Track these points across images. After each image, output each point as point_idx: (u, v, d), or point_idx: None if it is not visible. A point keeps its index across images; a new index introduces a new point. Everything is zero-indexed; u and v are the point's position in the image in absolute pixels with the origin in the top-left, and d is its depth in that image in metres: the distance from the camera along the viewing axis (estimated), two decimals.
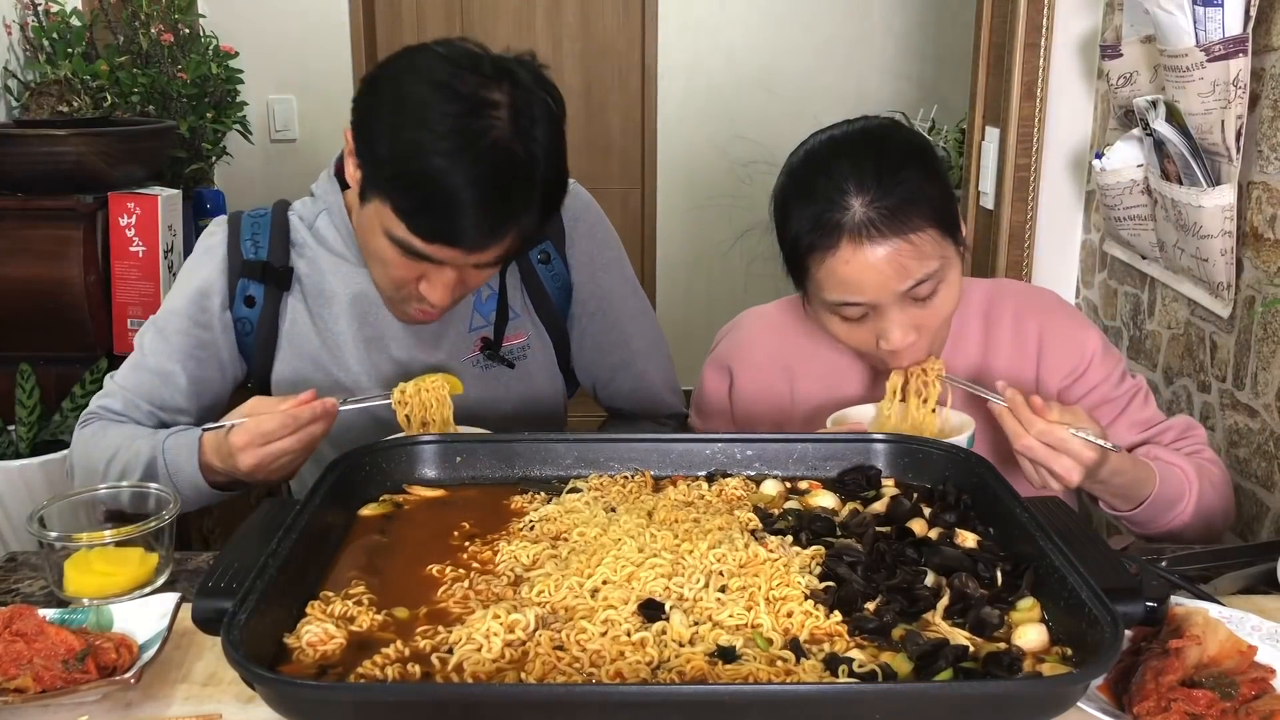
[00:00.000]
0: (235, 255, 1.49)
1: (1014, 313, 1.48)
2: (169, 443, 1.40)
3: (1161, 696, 0.92)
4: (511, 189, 1.27)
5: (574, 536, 1.11)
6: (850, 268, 1.28)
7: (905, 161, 1.30)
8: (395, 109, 1.27)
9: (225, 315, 1.49)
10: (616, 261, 1.61)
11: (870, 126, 1.37)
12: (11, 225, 2.11)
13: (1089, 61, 2.49)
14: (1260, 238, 1.82)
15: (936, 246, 1.30)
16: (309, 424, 1.30)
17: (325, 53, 3.72)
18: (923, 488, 1.23)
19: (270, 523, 1.03)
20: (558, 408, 1.64)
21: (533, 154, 1.27)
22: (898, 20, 3.80)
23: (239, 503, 2.43)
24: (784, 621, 0.96)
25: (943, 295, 1.33)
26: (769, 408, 1.53)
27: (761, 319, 1.58)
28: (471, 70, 1.27)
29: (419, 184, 1.26)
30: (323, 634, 0.93)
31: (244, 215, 1.52)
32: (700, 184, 3.93)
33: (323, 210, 1.50)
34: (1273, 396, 1.80)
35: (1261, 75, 1.81)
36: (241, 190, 3.36)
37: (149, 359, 1.49)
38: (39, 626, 1.01)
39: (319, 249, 1.50)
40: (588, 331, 1.61)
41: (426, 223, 1.27)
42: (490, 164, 1.25)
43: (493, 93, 1.26)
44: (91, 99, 2.45)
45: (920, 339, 1.34)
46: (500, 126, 1.25)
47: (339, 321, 1.50)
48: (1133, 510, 1.38)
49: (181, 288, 1.51)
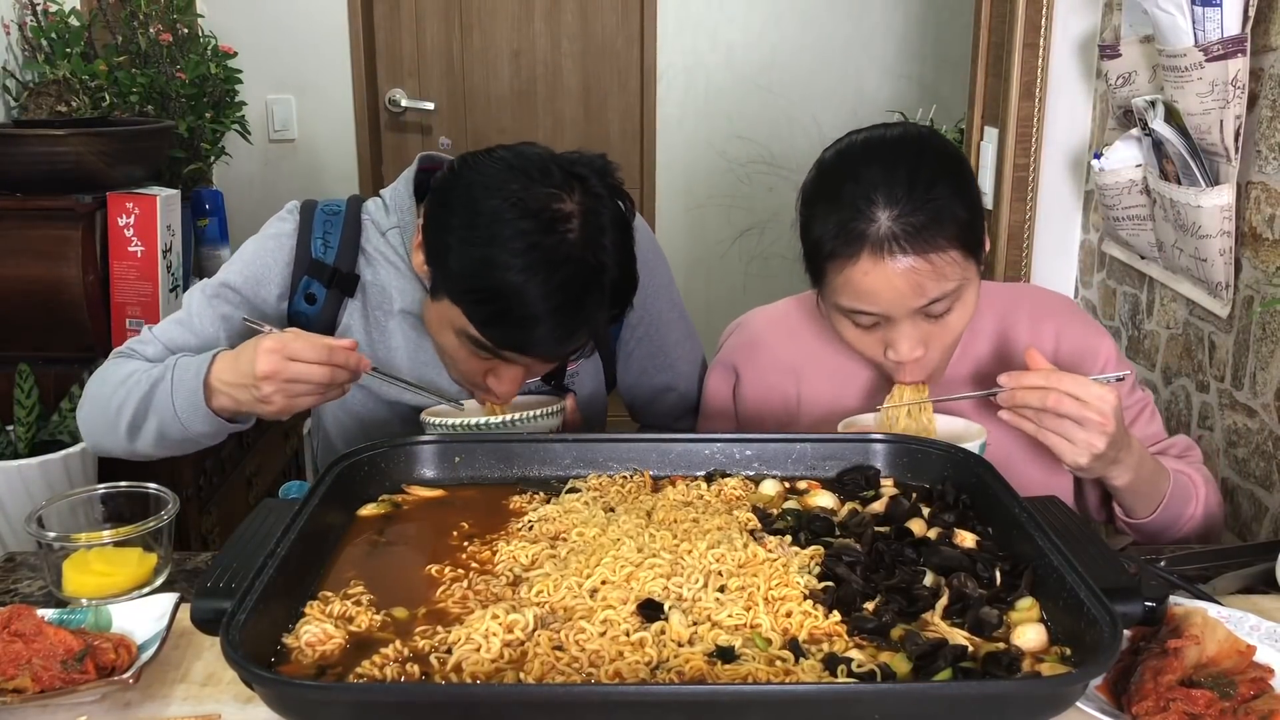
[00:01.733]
0: (304, 251, 1.48)
1: (1030, 317, 1.48)
2: (183, 360, 1.38)
3: (1160, 696, 0.92)
4: (585, 299, 1.28)
5: (573, 536, 1.11)
6: (869, 279, 1.27)
7: (938, 177, 1.28)
8: (467, 224, 1.28)
9: (281, 306, 1.49)
10: (666, 287, 1.62)
11: (908, 135, 1.34)
12: (10, 225, 2.10)
13: (1088, 61, 2.49)
14: (1259, 238, 1.82)
15: (958, 268, 1.28)
16: (338, 366, 1.28)
17: (324, 53, 3.71)
18: (921, 488, 1.23)
19: (269, 523, 1.03)
20: (597, 417, 1.65)
21: (602, 262, 1.28)
22: (897, 20, 3.79)
23: (238, 503, 2.44)
24: (783, 621, 0.96)
25: (957, 314, 1.32)
26: (775, 409, 1.52)
27: (767, 319, 1.58)
28: (542, 182, 1.28)
29: (493, 299, 1.27)
30: (321, 634, 0.93)
31: (318, 208, 1.50)
32: (699, 184, 3.93)
33: (395, 227, 1.48)
34: (1271, 396, 1.80)
35: (1260, 75, 1.81)
36: (240, 190, 3.37)
37: (195, 320, 1.47)
38: (38, 627, 1.01)
39: (388, 262, 1.48)
40: (634, 355, 1.62)
41: (501, 334, 1.29)
42: (563, 278, 1.26)
43: (564, 204, 1.27)
44: (90, 99, 2.44)
45: (928, 354, 1.33)
46: (573, 240, 1.26)
47: (395, 335, 1.49)
48: (1150, 515, 1.37)
49: (242, 266, 1.49)
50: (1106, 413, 1.22)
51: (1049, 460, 1.31)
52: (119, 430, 1.40)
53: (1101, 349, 1.46)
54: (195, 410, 1.34)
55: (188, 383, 1.34)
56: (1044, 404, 1.23)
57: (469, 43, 3.79)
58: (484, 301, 1.28)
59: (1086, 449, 1.24)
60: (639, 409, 1.69)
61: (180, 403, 1.34)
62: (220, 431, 1.39)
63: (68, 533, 1.18)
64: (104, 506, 1.27)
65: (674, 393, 1.65)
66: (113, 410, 1.40)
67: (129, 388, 1.39)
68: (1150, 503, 1.37)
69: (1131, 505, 1.38)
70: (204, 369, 1.33)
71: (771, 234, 3.92)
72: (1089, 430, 1.23)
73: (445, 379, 1.50)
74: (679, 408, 1.67)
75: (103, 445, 1.46)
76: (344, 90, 3.75)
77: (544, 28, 3.81)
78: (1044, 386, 1.23)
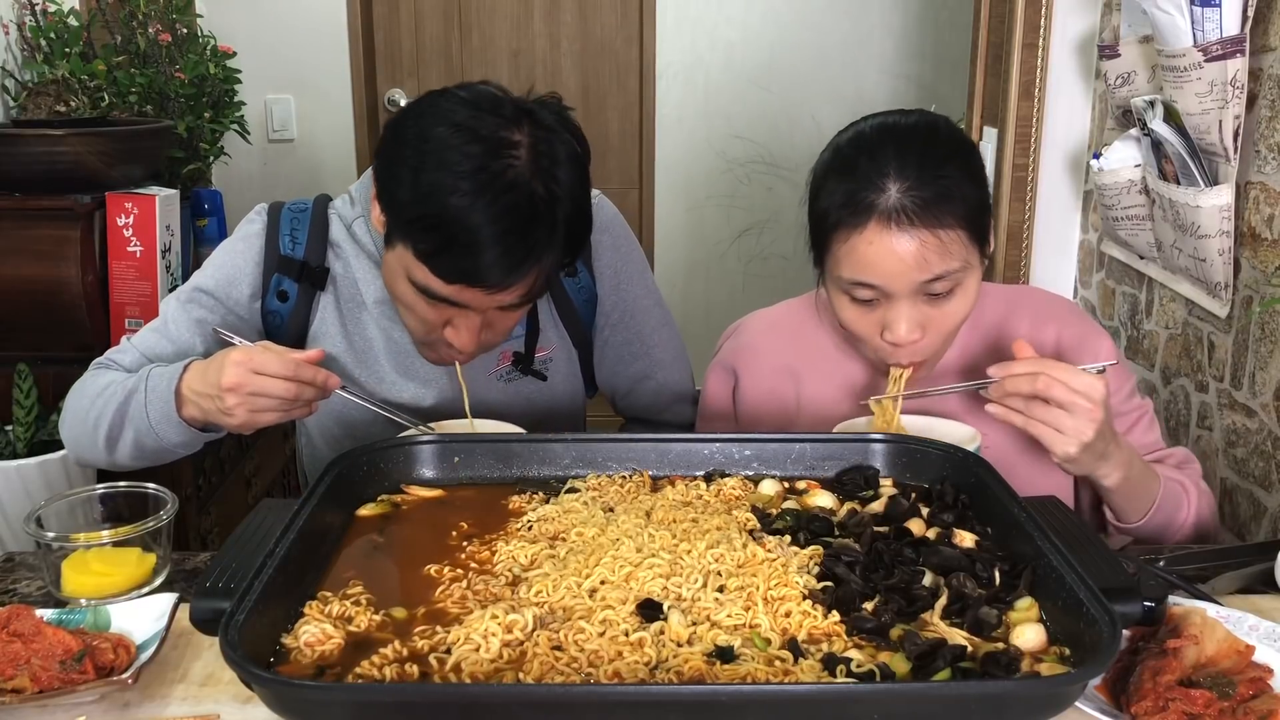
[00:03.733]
0: (272, 249, 1.49)
1: (1031, 319, 1.47)
2: (156, 370, 1.38)
3: (1159, 696, 0.92)
4: (531, 227, 1.27)
5: (572, 537, 1.11)
6: (873, 249, 1.27)
7: (950, 159, 1.30)
8: (416, 152, 1.28)
9: (254, 306, 1.49)
10: (640, 274, 1.62)
11: (924, 121, 1.36)
12: (9, 225, 2.10)
13: (1087, 61, 2.49)
14: (1258, 238, 1.82)
15: (962, 249, 1.29)
16: (305, 383, 1.28)
17: (323, 53, 3.71)
18: (921, 487, 1.23)
19: (268, 523, 1.03)
20: (577, 414, 1.65)
21: (553, 193, 1.27)
22: (896, 20, 3.80)
23: (238, 503, 2.44)
24: (782, 621, 0.96)
25: (957, 300, 1.32)
26: (774, 411, 1.52)
27: (767, 321, 1.58)
28: (492, 112, 1.28)
29: (438, 225, 1.26)
30: (320, 634, 0.93)
31: (284, 208, 1.52)
32: (698, 184, 3.93)
33: (360, 216, 1.50)
34: (1270, 396, 1.80)
35: (1259, 75, 1.81)
36: (239, 190, 3.36)
37: (170, 327, 1.48)
38: (36, 627, 1.00)
39: (356, 253, 1.50)
40: (610, 342, 1.62)
41: (446, 263, 1.28)
42: (509, 202, 1.25)
43: (513, 133, 1.27)
44: (89, 99, 2.44)
45: (925, 339, 1.33)
46: (519, 166, 1.26)
47: (369, 327, 1.50)
48: (1140, 521, 1.36)
49: (213, 270, 1.50)
50: (1095, 400, 1.22)
51: (1046, 464, 1.30)
52: (98, 443, 1.41)
53: (1102, 351, 1.46)
54: (168, 420, 1.34)
55: (160, 392, 1.35)
56: (1034, 388, 1.23)
57: (468, 42, 3.79)
58: (430, 229, 1.26)
59: (1076, 437, 1.23)
60: (619, 401, 1.69)
61: (154, 412, 1.35)
62: (194, 441, 1.39)
63: (66, 533, 1.18)
64: (103, 506, 1.27)
65: (652, 381, 1.64)
66: (90, 422, 1.41)
67: (106, 399, 1.40)
68: (1140, 507, 1.36)
69: (1122, 508, 1.37)
70: (175, 378, 1.34)
71: (770, 234, 3.92)
72: (1078, 417, 1.23)
73: (424, 371, 1.50)
74: (659, 397, 1.66)
75: (85, 457, 1.47)
76: (343, 90, 3.75)
77: (543, 27, 3.81)
78: (1033, 372, 1.23)
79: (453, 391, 1.50)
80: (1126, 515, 1.37)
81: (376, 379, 1.51)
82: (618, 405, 1.70)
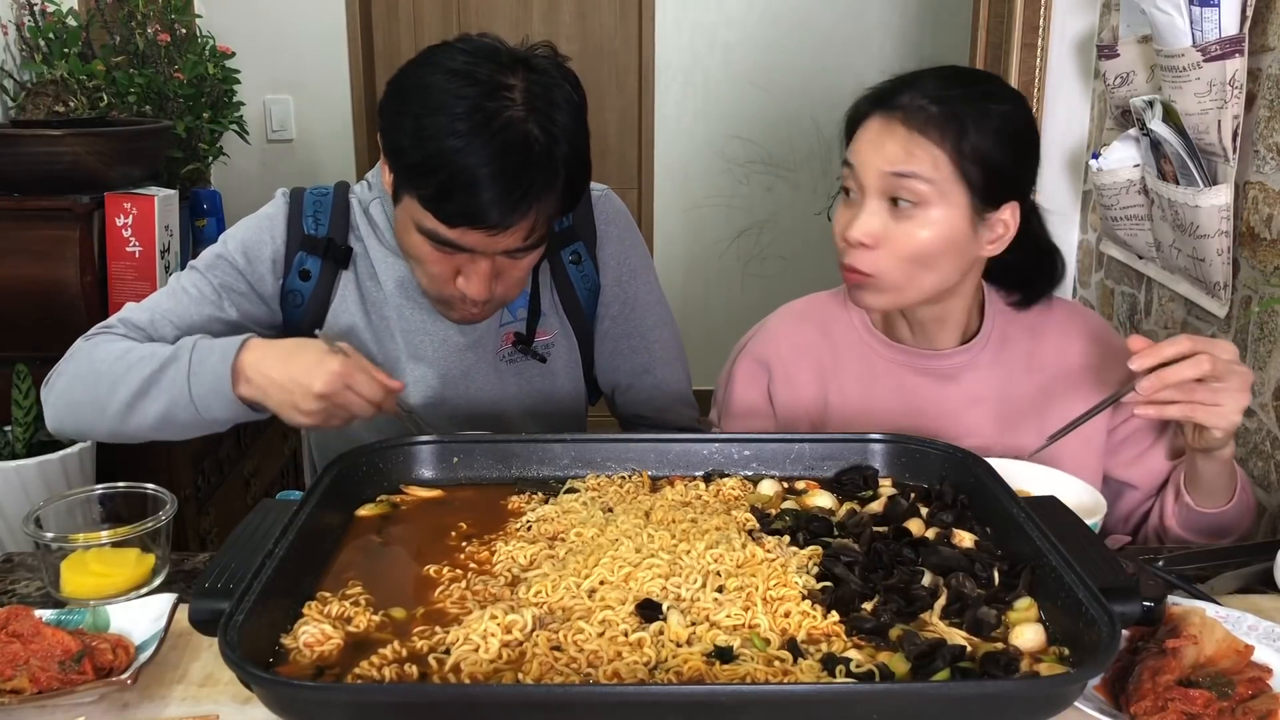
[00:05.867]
0: (296, 228, 1.51)
1: (1060, 331, 1.47)
2: (203, 342, 1.36)
3: (1158, 696, 0.92)
4: (527, 166, 1.28)
5: (571, 537, 1.11)
6: (863, 136, 1.34)
7: (981, 101, 1.30)
8: (415, 100, 1.30)
9: (276, 283, 1.51)
10: (644, 269, 1.63)
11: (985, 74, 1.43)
12: (7, 226, 2.10)
13: (1086, 61, 2.49)
14: (1256, 237, 1.82)
15: (934, 167, 1.28)
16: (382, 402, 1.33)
17: (322, 53, 3.71)
18: (920, 487, 1.23)
19: (267, 523, 1.03)
20: (579, 410, 1.65)
21: (550, 133, 1.29)
22: (895, 20, 3.80)
23: (237, 503, 2.44)
24: (781, 621, 0.96)
25: (917, 221, 1.30)
26: (805, 407, 1.50)
27: (795, 312, 1.56)
28: (489, 59, 1.31)
29: (438, 168, 1.28)
30: (320, 634, 0.93)
31: (306, 192, 1.54)
32: (697, 184, 3.93)
33: (376, 198, 1.53)
34: (1270, 396, 1.80)
35: (1258, 75, 1.81)
36: (238, 190, 3.36)
37: (189, 289, 1.47)
38: (35, 627, 1.00)
39: (372, 236, 1.52)
40: (609, 334, 1.63)
41: (448, 206, 1.30)
42: (505, 141, 1.27)
43: (508, 78, 1.30)
44: (88, 99, 2.44)
45: (876, 250, 1.31)
46: (515, 107, 1.28)
47: (385, 306, 1.53)
48: (1230, 501, 1.34)
49: (236, 243, 1.50)
50: (1239, 359, 1.20)
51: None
52: (109, 410, 1.36)
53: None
54: (218, 394, 1.32)
55: (212, 365, 1.32)
56: (1200, 371, 1.17)
57: None
58: (430, 171, 1.28)
59: (1237, 405, 1.20)
60: (618, 396, 1.68)
61: (199, 385, 1.32)
62: (236, 418, 1.36)
63: (65, 533, 1.18)
64: (102, 507, 1.27)
65: (650, 376, 1.65)
66: (104, 388, 1.36)
67: (128, 364, 1.36)
68: (1232, 485, 1.33)
69: (1222, 487, 1.32)
70: (231, 354, 1.32)
71: (769, 234, 3.91)
72: (1234, 386, 1.19)
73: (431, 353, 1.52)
74: (658, 395, 1.66)
75: (80, 427, 1.42)
76: (342, 90, 3.75)
77: (542, 28, 3.81)
78: (1191, 352, 1.18)
79: (458, 372, 1.53)
80: (1219, 495, 1.34)
81: (390, 358, 1.53)
82: (616, 402, 1.70)
